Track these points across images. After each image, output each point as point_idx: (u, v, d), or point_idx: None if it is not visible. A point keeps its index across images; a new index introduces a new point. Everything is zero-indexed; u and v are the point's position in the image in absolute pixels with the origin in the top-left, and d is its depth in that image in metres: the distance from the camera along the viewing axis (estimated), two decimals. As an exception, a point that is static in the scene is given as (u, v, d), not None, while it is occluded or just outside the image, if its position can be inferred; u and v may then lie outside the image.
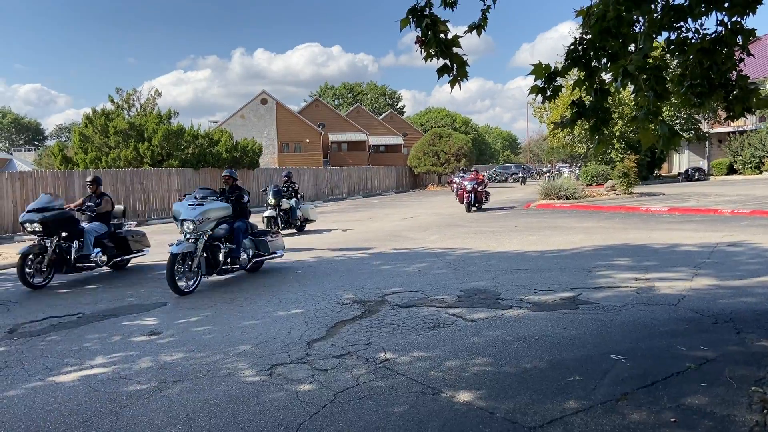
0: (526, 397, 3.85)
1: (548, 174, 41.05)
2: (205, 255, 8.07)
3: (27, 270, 8.45)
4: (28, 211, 8.70)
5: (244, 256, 8.70)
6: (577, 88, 4.20)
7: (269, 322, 6.00)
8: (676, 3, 3.80)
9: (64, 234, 8.90)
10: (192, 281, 7.80)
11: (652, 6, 3.70)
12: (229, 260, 8.44)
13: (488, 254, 10.08)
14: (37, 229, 8.60)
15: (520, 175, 48.87)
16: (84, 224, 9.41)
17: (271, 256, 9.36)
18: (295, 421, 3.66)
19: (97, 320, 6.46)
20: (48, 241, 8.72)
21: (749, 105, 3.91)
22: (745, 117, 4.11)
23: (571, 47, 4.10)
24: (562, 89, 4.27)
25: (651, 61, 3.79)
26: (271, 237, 9.54)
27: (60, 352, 5.31)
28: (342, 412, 3.75)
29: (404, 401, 3.88)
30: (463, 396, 3.92)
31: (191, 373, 4.58)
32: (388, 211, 22.17)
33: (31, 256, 8.56)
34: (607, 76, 4.18)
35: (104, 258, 9.27)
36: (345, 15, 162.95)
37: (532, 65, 4.04)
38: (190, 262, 7.81)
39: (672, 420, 3.44)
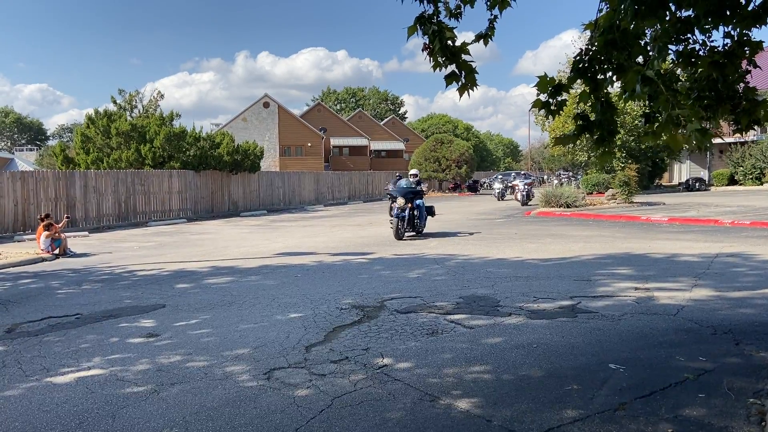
0: (524, 406, 3.84)
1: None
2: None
3: None
4: None
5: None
6: (581, 100, 4.19)
7: (267, 326, 5.99)
8: (683, 15, 3.79)
9: None
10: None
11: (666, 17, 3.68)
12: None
13: (488, 261, 10.08)
14: None
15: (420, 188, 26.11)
16: None
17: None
18: (291, 425, 3.65)
19: (96, 321, 6.45)
20: None
21: (756, 117, 3.89)
22: (754, 129, 4.10)
23: (577, 58, 4.09)
24: (566, 103, 4.24)
25: (662, 71, 3.78)
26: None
27: (57, 352, 5.30)
28: (339, 418, 3.74)
29: (402, 408, 3.87)
30: (461, 403, 3.91)
31: (188, 376, 4.57)
32: (389, 216, 22.10)
33: None
34: (612, 89, 4.16)
35: None
36: (352, 20, 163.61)
37: (538, 77, 4.02)
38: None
39: (670, 431, 3.43)
